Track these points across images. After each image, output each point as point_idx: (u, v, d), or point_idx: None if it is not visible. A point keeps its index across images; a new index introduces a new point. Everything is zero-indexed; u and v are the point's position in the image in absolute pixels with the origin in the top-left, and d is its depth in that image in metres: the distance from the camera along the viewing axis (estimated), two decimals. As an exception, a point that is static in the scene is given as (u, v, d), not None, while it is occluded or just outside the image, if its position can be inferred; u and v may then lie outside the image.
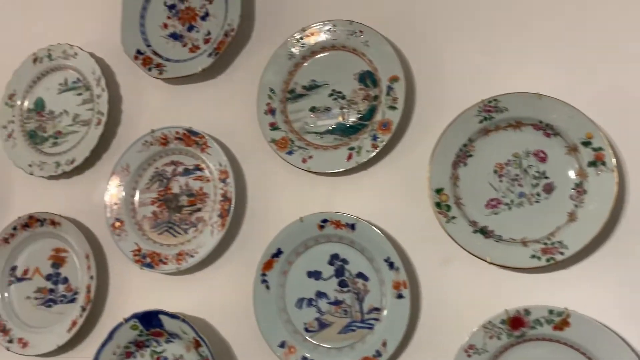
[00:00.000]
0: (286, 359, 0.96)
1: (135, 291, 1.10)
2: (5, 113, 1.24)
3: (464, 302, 0.89)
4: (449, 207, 0.90)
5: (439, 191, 0.91)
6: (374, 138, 0.96)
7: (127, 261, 1.10)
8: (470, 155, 0.92)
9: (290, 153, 1.02)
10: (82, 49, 1.18)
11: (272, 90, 1.05)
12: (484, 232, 0.89)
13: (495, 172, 0.90)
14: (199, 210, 1.08)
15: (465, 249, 0.87)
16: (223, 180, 1.05)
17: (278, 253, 0.99)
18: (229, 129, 1.10)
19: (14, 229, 1.17)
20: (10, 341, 1.14)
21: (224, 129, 1.10)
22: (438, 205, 0.90)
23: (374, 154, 0.96)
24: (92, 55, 1.18)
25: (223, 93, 1.12)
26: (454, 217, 0.90)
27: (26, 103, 1.24)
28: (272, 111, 1.05)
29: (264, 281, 0.99)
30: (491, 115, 0.90)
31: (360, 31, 1.00)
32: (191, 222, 1.08)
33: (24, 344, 1.13)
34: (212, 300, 1.05)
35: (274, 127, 1.04)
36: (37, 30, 1.26)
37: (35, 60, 1.23)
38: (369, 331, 0.93)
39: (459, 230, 0.89)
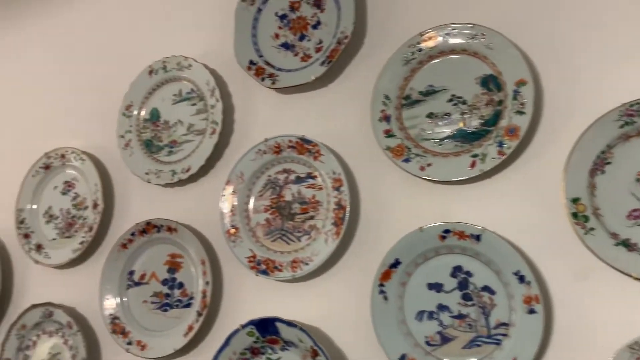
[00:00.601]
0: (407, 372, 0.93)
1: (248, 297, 1.12)
2: (123, 123, 1.29)
3: (604, 319, 0.83)
4: (586, 218, 0.84)
5: (575, 201, 0.85)
6: (500, 144, 0.92)
7: (240, 267, 1.11)
8: (609, 163, 0.86)
9: (407, 161, 0.99)
10: (196, 61, 1.22)
11: (386, 96, 1.04)
12: (627, 244, 0.83)
13: (638, 180, 0.84)
14: (311, 218, 1.08)
15: (607, 263, 0.81)
16: (337, 189, 1.05)
17: (396, 264, 0.97)
18: (341, 137, 1.09)
19: (132, 234, 1.22)
20: (129, 343, 1.18)
21: (336, 136, 1.09)
22: (575, 215, 0.85)
23: (500, 161, 0.91)
24: (205, 66, 1.21)
25: (335, 101, 1.11)
26: (592, 229, 0.84)
27: (142, 113, 1.29)
28: (386, 118, 1.03)
29: (382, 292, 0.97)
30: (633, 119, 0.84)
31: (483, 34, 0.97)
32: (304, 229, 1.08)
33: (143, 347, 1.17)
34: (326, 309, 1.04)
35: (389, 134, 1.02)
36: (152, 43, 1.31)
37: (150, 72, 1.28)
38: (497, 347, 0.89)
39: (598, 242, 0.83)
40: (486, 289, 0.91)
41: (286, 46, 1.16)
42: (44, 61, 1.48)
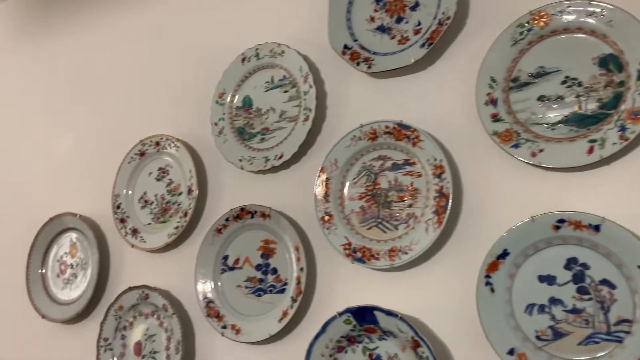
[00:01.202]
0: (516, 367, 0.89)
1: (343, 285, 1.10)
2: (217, 111, 1.31)
3: None
4: None
5: None
6: (622, 129, 0.86)
7: (334, 255, 1.10)
8: None
9: (516, 146, 0.95)
10: (289, 47, 1.21)
11: (493, 79, 0.99)
12: None
13: None
14: (409, 206, 1.05)
15: None
16: (438, 176, 1.01)
17: (504, 254, 0.93)
18: (442, 122, 1.05)
19: (227, 220, 1.23)
20: (224, 327, 1.20)
21: (437, 122, 1.06)
22: None
23: (622, 146, 0.85)
24: (298, 52, 1.20)
25: (434, 84, 1.08)
26: None
27: (235, 101, 1.30)
28: (493, 102, 0.98)
29: (489, 283, 0.93)
30: None
31: (602, 11, 0.90)
32: (402, 218, 1.05)
33: (237, 331, 1.18)
34: (425, 300, 1.01)
35: (496, 118, 0.98)
36: (245, 31, 1.32)
37: (243, 60, 1.29)
38: (618, 345, 0.83)
39: None
40: (605, 282, 0.86)
41: (382, 29, 1.13)
42: (137, 52, 1.52)
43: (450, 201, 0.98)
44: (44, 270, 1.55)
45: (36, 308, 1.50)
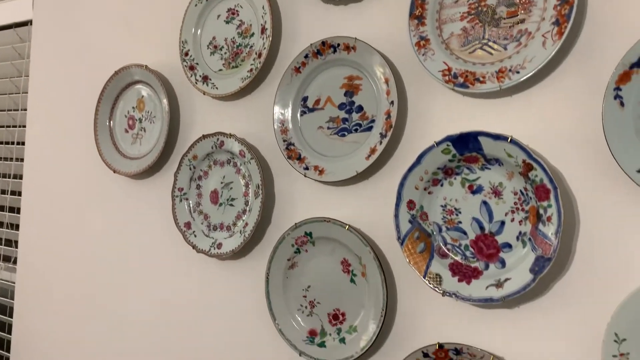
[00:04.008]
0: (647, 186, 0.80)
1: (439, 116, 1.01)
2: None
3: None
4: None
5: None
6: None
7: (430, 83, 1.01)
8: None
9: None
10: None
11: None
12: None
13: None
14: (521, 21, 0.92)
15: None
16: (559, -18, 0.88)
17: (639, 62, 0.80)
18: None
19: (306, 57, 1.14)
20: (306, 168, 1.14)
21: None
22: None
23: None
24: None
25: None
26: None
27: None
28: None
29: (618, 96, 0.82)
30: None
31: None
32: (512, 35, 0.93)
33: (321, 171, 1.12)
34: (538, 125, 0.91)
35: None
36: None
37: None
38: None
39: None
40: None
41: None
42: None
43: (575, 7, 0.85)
44: (112, 124, 1.52)
45: (107, 164, 1.48)
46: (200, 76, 1.33)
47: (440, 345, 0.94)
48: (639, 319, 0.79)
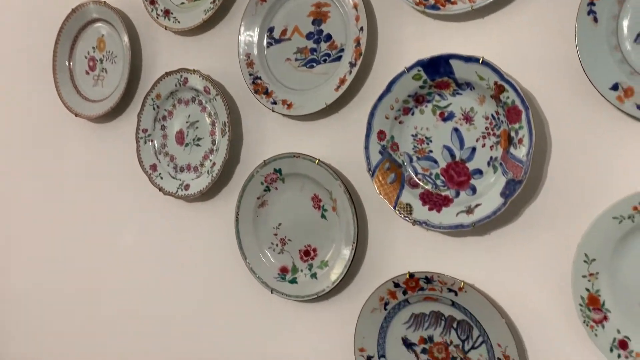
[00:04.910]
0: (620, 103, 0.78)
1: (409, 40, 0.97)
2: None
3: None
4: None
5: None
6: None
7: (399, 7, 0.97)
8: None
9: None
10: None
11: None
12: None
13: None
14: (494, -62, 0.88)
15: None
16: None
17: (615, -25, 0.77)
18: None
19: (271, -16, 1.08)
20: (274, 103, 1.10)
21: None
22: None
23: None
24: None
25: None
26: None
27: None
28: None
29: (592, 12, 0.79)
30: None
31: None
32: (484, -46, 0.89)
33: (289, 105, 1.08)
34: (508, 46, 0.88)
35: None
36: None
37: None
38: None
39: None
40: None
41: None
42: None
43: None
44: (71, 65, 1.44)
45: (68, 107, 1.42)
46: (161, 10, 1.26)
47: (411, 275, 0.93)
48: (608, 239, 0.78)
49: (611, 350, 0.79)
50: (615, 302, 0.79)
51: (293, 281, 1.10)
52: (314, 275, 1.07)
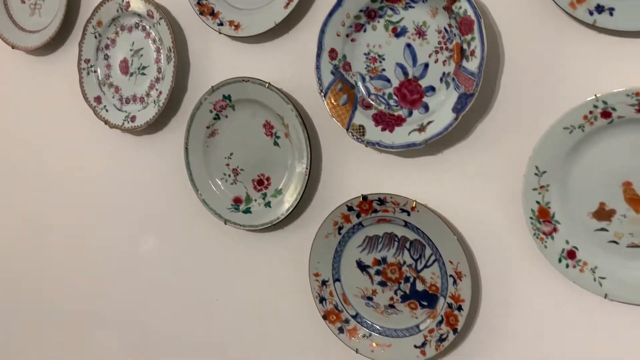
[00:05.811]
0: (573, 10, 0.75)
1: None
2: None
3: None
4: None
5: None
6: None
7: None
8: None
9: None
10: None
11: None
12: None
13: None
14: None
15: None
16: None
17: None
18: None
19: None
20: (220, 24, 1.04)
21: None
22: None
23: None
24: None
25: None
26: None
27: None
28: None
29: None
30: None
31: None
32: None
33: (236, 26, 1.02)
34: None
35: None
36: None
37: None
38: None
39: None
40: None
41: None
42: None
43: None
44: (5, -4, 1.35)
45: (4, 39, 1.33)
46: None
47: (364, 197, 0.91)
48: (559, 150, 0.77)
49: (560, 260, 0.79)
50: (565, 213, 0.79)
51: (247, 211, 1.07)
52: (268, 204, 1.05)
